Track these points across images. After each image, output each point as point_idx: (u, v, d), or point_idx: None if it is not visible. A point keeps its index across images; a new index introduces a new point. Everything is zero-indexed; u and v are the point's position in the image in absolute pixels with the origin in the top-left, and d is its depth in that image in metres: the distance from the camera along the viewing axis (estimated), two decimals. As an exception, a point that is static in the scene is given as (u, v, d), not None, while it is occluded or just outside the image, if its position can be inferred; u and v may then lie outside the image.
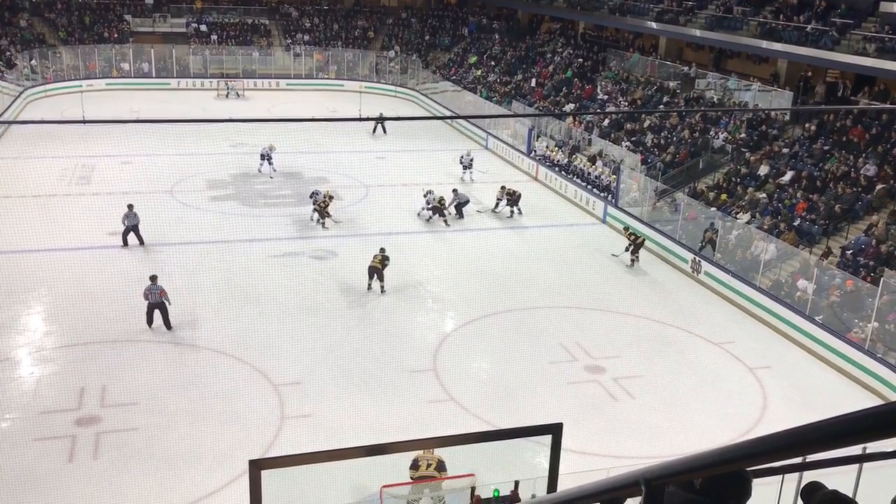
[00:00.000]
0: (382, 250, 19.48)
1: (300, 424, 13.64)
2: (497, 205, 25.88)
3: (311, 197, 24.37)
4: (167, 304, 16.62)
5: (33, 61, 43.22)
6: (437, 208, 24.72)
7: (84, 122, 13.35)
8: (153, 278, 16.74)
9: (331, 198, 24.07)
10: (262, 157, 28.90)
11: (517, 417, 13.88)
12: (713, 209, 22.54)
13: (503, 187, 26.19)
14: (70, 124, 30.08)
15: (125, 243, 21.36)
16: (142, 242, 21.53)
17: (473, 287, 19.95)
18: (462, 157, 29.87)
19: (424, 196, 24.96)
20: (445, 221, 24.71)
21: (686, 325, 18.45)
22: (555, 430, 3.14)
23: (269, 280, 19.64)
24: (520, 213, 25.77)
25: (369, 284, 19.30)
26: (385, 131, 36.63)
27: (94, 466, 12.26)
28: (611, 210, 25.41)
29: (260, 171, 29.01)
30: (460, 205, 25.37)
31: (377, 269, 19.13)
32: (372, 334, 17.21)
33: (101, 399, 14.02)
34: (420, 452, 10.64)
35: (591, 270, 21.63)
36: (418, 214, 25.06)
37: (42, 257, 20.08)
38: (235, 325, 17.09)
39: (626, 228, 22.88)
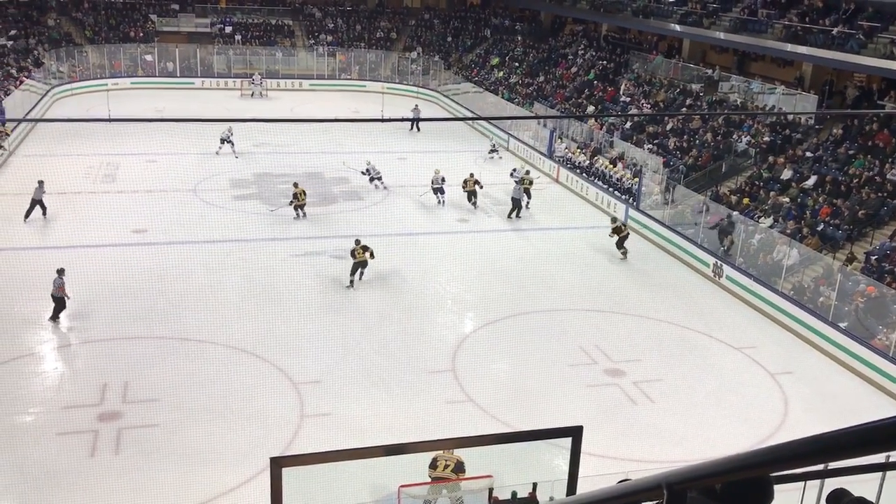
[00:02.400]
0: (357, 242, 19.31)
1: (319, 423, 13.70)
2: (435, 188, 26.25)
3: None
4: (66, 299, 16.88)
5: (64, 62, 43.69)
6: (439, 188, 25.85)
7: (109, 120, 13.49)
8: (59, 271, 16.88)
9: (304, 193, 24.19)
10: (222, 140, 30.72)
11: (536, 420, 13.86)
12: (735, 213, 22.38)
13: (472, 174, 26.81)
14: (96, 122, 30.39)
15: (28, 215, 22.90)
16: (45, 215, 23.19)
17: (493, 288, 19.94)
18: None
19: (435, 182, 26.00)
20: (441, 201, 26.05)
21: (707, 329, 18.33)
22: (575, 433, 3.14)
23: (289, 279, 19.74)
24: (474, 206, 26.24)
25: (351, 281, 19.26)
26: (419, 128, 36.93)
27: (115, 461, 12.39)
28: (632, 213, 25.31)
29: (218, 154, 30.50)
30: (436, 189, 26.12)
31: (364, 261, 19.20)
32: (391, 334, 17.25)
33: (123, 395, 14.16)
34: (439, 452, 10.65)
35: (611, 273, 21.55)
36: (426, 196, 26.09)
37: (67, 254, 20.28)
38: (256, 323, 17.20)
39: (614, 220, 23.11)
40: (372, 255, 19.21)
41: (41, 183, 23.19)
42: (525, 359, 16.37)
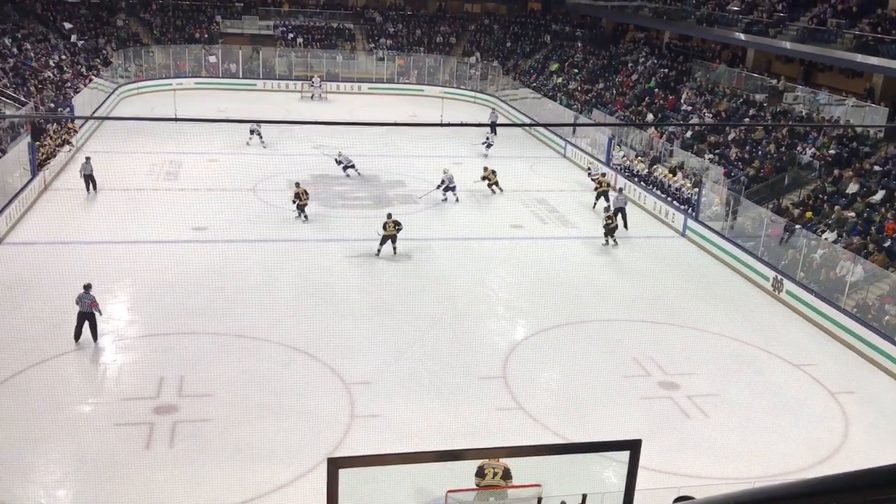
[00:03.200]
0: (390, 215, 21.78)
1: (369, 424, 13.75)
2: (441, 186, 27.06)
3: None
4: (97, 314, 15.84)
5: (131, 62, 44.86)
6: (452, 187, 26.85)
7: (176, 119, 13.81)
8: (87, 287, 15.79)
9: (306, 193, 24.44)
10: (252, 132, 32.74)
11: (587, 431, 13.70)
12: (798, 226, 21.84)
13: (486, 167, 28.43)
14: (160, 121, 31.11)
15: (87, 190, 25.45)
16: (95, 189, 25.58)
17: (546, 296, 19.79)
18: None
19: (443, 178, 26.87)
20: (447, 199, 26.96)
21: (765, 344, 17.91)
22: (633, 447, 3.07)
23: (343, 280, 19.90)
24: (456, 200, 27.08)
25: (379, 250, 21.50)
26: (496, 133, 36.44)
27: (170, 454, 12.61)
28: (691, 223, 24.89)
29: (248, 144, 32.53)
30: (448, 188, 27.03)
31: (394, 235, 21.42)
32: (442, 338, 17.24)
33: (178, 389, 14.42)
34: (486, 460, 10.58)
35: (668, 284, 21.21)
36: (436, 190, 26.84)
37: (128, 249, 20.82)
38: (310, 322, 17.37)
39: (606, 210, 24.37)
40: (396, 229, 21.37)
41: (88, 159, 25.19)
42: (577, 368, 16.20)
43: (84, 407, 14.08)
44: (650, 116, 34.38)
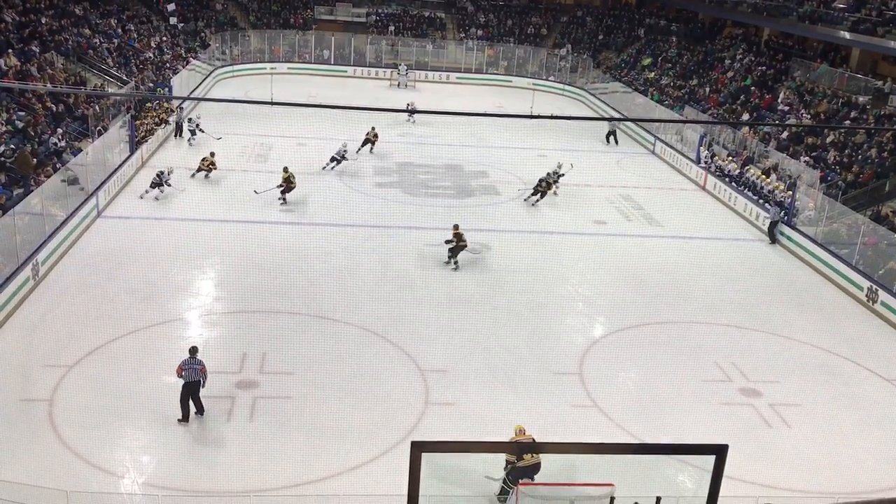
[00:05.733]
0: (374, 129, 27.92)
1: (443, 412, 13.82)
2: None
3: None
4: (203, 384, 13.02)
5: (228, 46, 46.06)
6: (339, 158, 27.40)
7: (272, 103, 14.15)
8: (193, 350, 13.10)
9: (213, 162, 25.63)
10: (192, 131, 30.13)
11: (664, 433, 13.44)
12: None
13: (373, 127, 29.17)
14: (253, 104, 31.85)
15: (176, 135, 30.22)
16: (193, 134, 29.50)
17: (627, 294, 19.48)
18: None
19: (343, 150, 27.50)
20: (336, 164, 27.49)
21: (855, 356, 17.21)
22: (719, 452, 2.99)
23: (424, 267, 20.03)
24: (370, 152, 28.74)
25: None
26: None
27: (249, 427, 12.96)
28: (782, 227, 24.06)
29: (189, 143, 29.91)
30: (339, 159, 27.32)
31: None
32: (519, 331, 17.16)
33: (260, 366, 14.79)
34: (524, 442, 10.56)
35: (755, 289, 20.59)
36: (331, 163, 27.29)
37: (218, 227, 21.43)
38: (389, 307, 17.56)
39: (456, 227, 20.39)
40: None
41: (181, 108, 27.35)
42: (656, 369, 15.88)
43: (170, 377, 14.50)
44: (745, 115, 33.38)
